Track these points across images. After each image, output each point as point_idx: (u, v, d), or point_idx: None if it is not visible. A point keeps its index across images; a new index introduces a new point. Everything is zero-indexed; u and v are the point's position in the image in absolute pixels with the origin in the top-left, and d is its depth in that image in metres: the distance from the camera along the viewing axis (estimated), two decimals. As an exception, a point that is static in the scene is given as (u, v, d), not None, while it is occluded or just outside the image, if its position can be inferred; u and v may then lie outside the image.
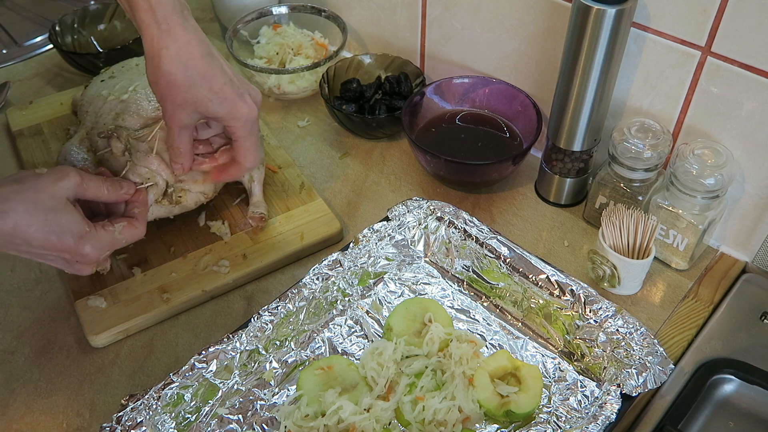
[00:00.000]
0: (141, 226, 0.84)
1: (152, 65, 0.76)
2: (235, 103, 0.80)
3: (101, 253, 0.80)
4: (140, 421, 0.75)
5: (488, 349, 0.86)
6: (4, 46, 1.40)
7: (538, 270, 0.87)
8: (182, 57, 0.76)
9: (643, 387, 0.76)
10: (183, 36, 0.76)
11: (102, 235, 0.79)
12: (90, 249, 0.77)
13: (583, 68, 0.88)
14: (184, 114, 0.79)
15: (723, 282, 0.95)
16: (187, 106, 0.79)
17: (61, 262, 0.78)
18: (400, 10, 1.19)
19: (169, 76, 0.76)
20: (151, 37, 0.75)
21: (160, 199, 0.93)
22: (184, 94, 0.77)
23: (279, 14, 1.30)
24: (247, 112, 0.82)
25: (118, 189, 0.84)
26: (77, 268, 0.80)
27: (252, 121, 0.83)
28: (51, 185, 0.75)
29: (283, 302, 0.85)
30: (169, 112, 0.79)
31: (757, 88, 0.84)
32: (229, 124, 0.82)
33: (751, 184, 0.91)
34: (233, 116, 0.81)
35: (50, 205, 0.74)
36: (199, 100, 0.78)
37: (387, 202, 1.06)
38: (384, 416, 0.78)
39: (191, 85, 0.77)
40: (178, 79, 0.76)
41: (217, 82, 0.78)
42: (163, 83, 0.76)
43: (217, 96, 0.79)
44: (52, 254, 0.76)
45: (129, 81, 1.02)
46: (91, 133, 0.97)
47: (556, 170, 1.02)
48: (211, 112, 0.80)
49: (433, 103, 1.12)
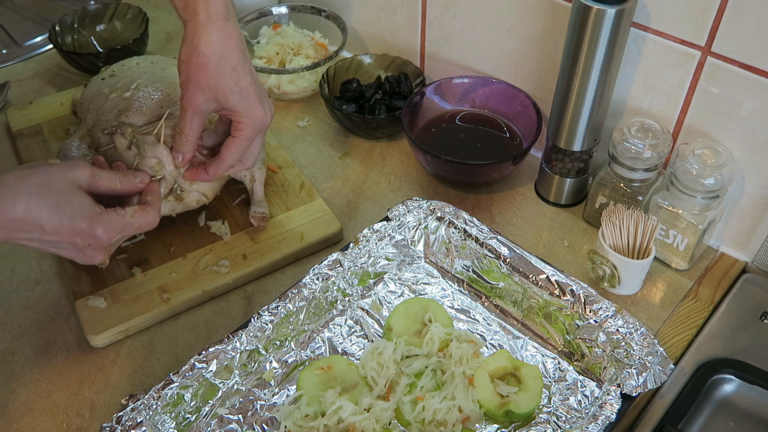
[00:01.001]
0: (153, 212, 0.84)
1: (189, 45, 0.80)
2: (254, 103, 0.84)
3: (113, 235, 0.79)
4: (140, 421, 0.75)
5: (488, 349, 0.86)
6: (4, 46, 1.40)
7: (538, 270, 0.87)
8: (221, 44, 0.80)
9: (643, 387, 0.76)
10: (226, 28, 0.81)
11: (114, 217, 0.79)
12: (102, 231, 0.77)
13: (583, 68, 0.88)
14: (203, 99, 0.82)
15: (723, 282, 0.95)
16: (209, 91, 0.81)
17: (72, 250, 0.77)
18: (400, 10, 1.19)
19: (202, 58, 0.80)
20: (199, 22, 0.80)
21: (166, 194, 0.93)
22: (210, 79, 0.81)
23: (279, 14, 1.30)
24: (262, 115, 0.85)
25: (132, 179, 0.85)
26: (89, 255, 0.79)
27: (261, 126, 0.86)
28: (62, 173, 0.76)
29: (283, 302, 0.85)
30: (189, 93, 0.82)
31: (757, 88, 0.84)
32: (241, 121, 0.85)
33: (751, 184, 0.91)
34: (248, 114, 0.84)
35: (62, 190, 0.74)
36: (222, 89, 0.82)
37: (387, 202, 1.06)
38: (384, 416, 0.78)
39: (220, 72, 0.81)
40: (210, 62, 0.80)
41: (244, 79, 0.82)
42: (194, 63, 0.80)
43: (241, 91, 0.82)
44: (64, 240, 0.75)
45: (131, 79, 1.02)
46: (93, 130, 0.97)
47: (556, 170, 1.02)
48: (230, 104, 0.83)
49: (433, 103, 1.12)
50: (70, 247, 0.77)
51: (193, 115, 0.84)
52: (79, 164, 0.79)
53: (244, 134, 0.86)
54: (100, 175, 0.80)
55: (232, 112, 0.84)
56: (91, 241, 0.77)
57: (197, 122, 0.85)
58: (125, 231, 0.81)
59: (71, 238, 0.75)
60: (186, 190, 0.95)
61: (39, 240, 0.74)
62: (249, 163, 0.91)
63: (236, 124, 0.85)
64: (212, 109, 0.84)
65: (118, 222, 0.79)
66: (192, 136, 0.86)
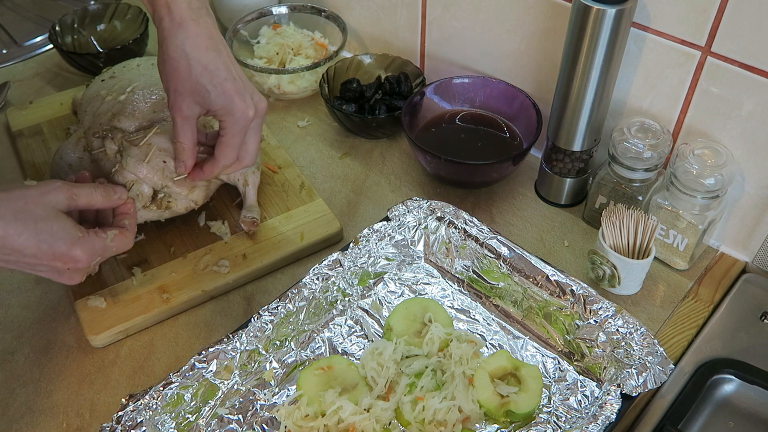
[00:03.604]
0: (130, 236, 0.84)
1: (161, 52, 0.81)
2: (232, 99, 0.82)
3: (93, 258, 0.78)
4: (140, 421, 0.75)
5: (488, 349, 0.86)
6: (4, 46, 1.40)
7: (538, 270, 0.87)
8: (188, 46, 0.80)
9: (643, 387, 0.76)
10: (193, 29, 0.80)
11: (94, 240, 0.78)
12: (81, 253, 0.76)
13: (583, 68, 0.88)
14: (185, 104, 0.82)
15: (723, 282, 0.95)
16: (187, 94, 0.81)
17: (51, 272, 0.77)
18: (400, 10, 1.19)
19: (173, 62, 0.80)
20: (164, 28, 0.80)
21: (147, 204, 0.93)
22: (185, 82, 0.80)
23: (279, 14, 1.30)
24: (242, 109, 0.83)
25: (112, 194, 0.84)
26: (67, 276, 0.78)
27: (244, 121, 0.84)
28: (40, 197, 0.75)
29: (283, 302, 0.85)
30: (172, 100, 0.82)
31: (757, 88, 0.84)
32: (223, 119, 0.84)
33: (751, 184, 0.91)
34: (228, 111, 0.83)
35: (41, 214, 0.73)
36: (198, 91, 0.81)
37: (387, 202, 1.06)
38: (384, 416, 0.78)
39: (192, 74, 0.80)
40: (180, 66, 0.80)
41: (218, 77, 0.81)
42: (168, 69, 0.81)
43: (216, 89, 0.81)
44: (43, 264, 0.75)
45: (128, 81, 1.02)
46: (88, 132, 0.97)
47: (556, 170, 1.02)
48: (208, 103, 0.82)
49: (433, 103, 1.12)
50: (49, 270, 0.76)
51: (182, 122, 0.83)
52: (56, 187, 0.77)
53: (229, 132, 0.84)
54: (78, 194, 0.78)
55: (213, 112, 0.83)
56: (71, 264, 0.76)
57: (188, 128, 0.84)
58: (105, 254, 0.81)
59: (50, 262, 0.75)
60: (174, 198, 0.95)
61: (16, 262, 0.73)
62: (247, 160, 0.89)
63: (221, 123, 0.84)
64: (198, 113, 0.83)
65: (99, 245, 0.79)
66: (187, 143, 0.85)
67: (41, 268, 0.76)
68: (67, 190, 0.77)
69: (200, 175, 0.90)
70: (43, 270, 0.76)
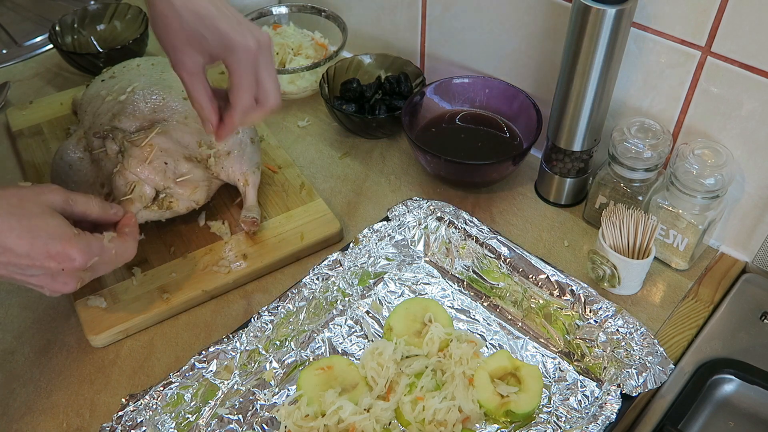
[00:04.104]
0: (132, 243, 0.82)
1: (150, 13, 0.79)
2: (228, 36, 0.79)
3: (89, 258, 0.74)
4: (140, 421, 0.75)
5: (488, 349, 0.86)
6: (4, 46, 1.40)
7: (538, 270, 0.87)
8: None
9: (643, 387, 0.76)
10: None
11: (90, 239, 0.75)
12: (77, 253, 0.72)
13: (583, 68, 0.88)
14: (186, 56, 0.80)
15: (723, 282, 0.95)
16: (185, 46, 0.79)
17: (43, 277, 0.73)
18: (400, 10, 1.19)
19: (162, 18, 0.78)
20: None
21: (149, 205, 0.93)
22: (178, 33, 0.78)
23: (279, 14, 1.30)
24: (242, 44, 0.79)
25: (108, 208, 0.82)
26: (61, 281, 0.74)
27: (248, 55, 0.80)
28: (35, 195, 0.73)
29: (283, 302, 0.85)
30: (173, 59, 0.80)
31: (757, 88, 0.84)
32: (227, 60, 0.81)
33: (751, 184, 0.91)
34: (228, 49, 0.80)
35: (36, 212, 0.71)
36: (194, 38, 0.79)
37: (387, 202, 1.06)
38: (384, 416, 0.78)
39: (184, 22, 0.78)
40: (170, 19, 0.78)
41: (210, 18, 0.78)
42: (160, 26, 0.79)
43: (210, 31, 0.79)
44: (36, 265, 0.71)
45: (128, 82, 1.02)
46: (89, 132, 0.97)
47: (556, 170, 1.02)
48: (207, 48, 0.79)
49: (433, 103, 1.12)
50: (42, 274, 0.72)
51: (190, 78, 0.81)
52: (52, 188, 0.76)
53: (236, 71, 0.81)
54: (75, 200, 0.77)
55: (215, 56, 0.80)
56: (66, 264, 0.72)
57: (198, 83, 0.81)
58: (103, 255, 0.76)
59: (44, 262, 0.71)
60: (176, 198, 0.95)
61: (7, 264, 0.70)
62: (270, 100, 0.83)
63: (227, 66, 0.81)
64: (201, 63, 0.81)
65: (96, 245, 0.75)
66: (202, 98, 0.82)
67: (34, 271, 0.71)
68: (64, 194, 0.76)
69: (224, 130, 0.85)
70: (36, 275, 0.72)
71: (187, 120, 0.97)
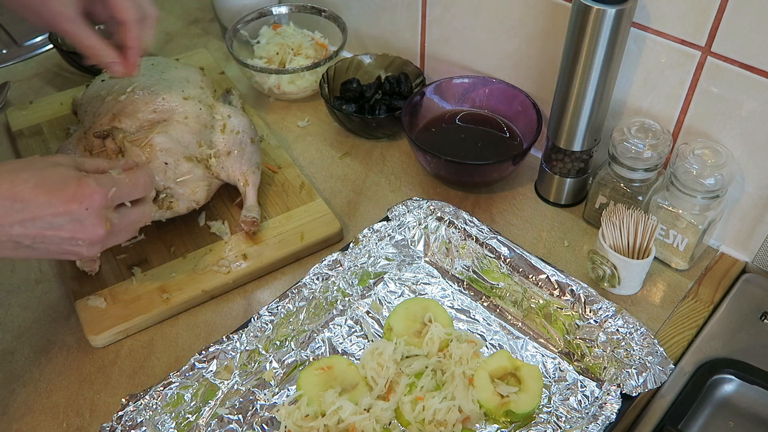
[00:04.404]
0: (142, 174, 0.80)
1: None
2: None
3: (106, 190, 0.74)
4: (140, 421, 0.75)
5: (488, 349, 0.86)
6: (4, 46, 1.40)
7: (538, 270, 0.87)
8: None
9: (643, 387, 0.76)
10: None
11: (99, 176, 0.75)
12: (93, 187, 0.72)
13: (583, 68, 0.88)
14: (57, 5, 0.80)
15: (723, 282, 0.95)
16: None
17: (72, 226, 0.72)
18: (400, 10, 1.19)
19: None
20: None
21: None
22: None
23: (279, 14, 1.30)
24: None
25: (116, 162, 0.82)
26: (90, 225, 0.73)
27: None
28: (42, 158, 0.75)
29: (283, 302, 0.85)
30: (47, 15, 0.81)
31: (757, 88, 0.84)
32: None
33: (751, 184, 0.91)
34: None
35: (42, 166, 0.73)
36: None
37: (387, 202, 1.06)
38: (384, 416, 0.78)
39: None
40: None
41: None
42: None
43: None
44: (60, 212, 0.71)
45: (128, 82, 1.02)
46: (89, 132, 0.97)
47: (556, 170, 1.02)
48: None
49: (433, 103, 1.12)
50: (69, 223, 0.72)
51: (72, 25, 0.82)
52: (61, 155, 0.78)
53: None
54: (83, 162, 0.77)
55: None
56: (87, 201, 0.72)
57: (81, 27, 0.82)
58: (119, 187, 0.76)
59: (66, 206, 0.71)
60: (176, 198, 0.95)
61: (34, 219, 0.70)
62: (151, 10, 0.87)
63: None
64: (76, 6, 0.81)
65: (106, 179, 0.76)
66: (92, 41, 0.83)
67: (60, 220, 0.71)
68: (72, 158, 0.77)
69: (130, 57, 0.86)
70: (63, 225, 0.72)
71: (187, 120, 0.97)
